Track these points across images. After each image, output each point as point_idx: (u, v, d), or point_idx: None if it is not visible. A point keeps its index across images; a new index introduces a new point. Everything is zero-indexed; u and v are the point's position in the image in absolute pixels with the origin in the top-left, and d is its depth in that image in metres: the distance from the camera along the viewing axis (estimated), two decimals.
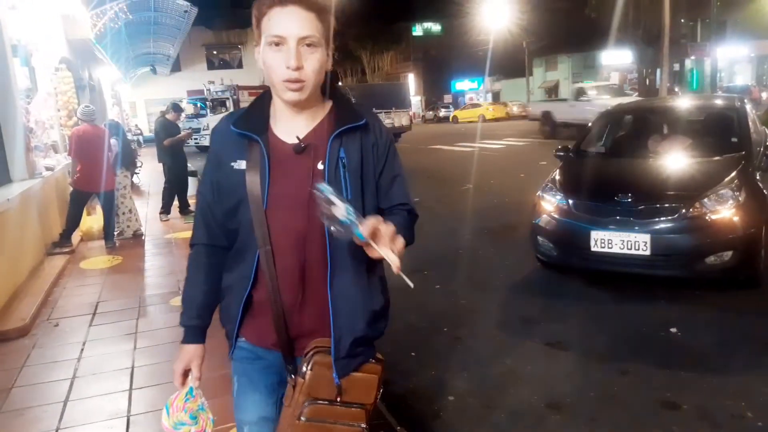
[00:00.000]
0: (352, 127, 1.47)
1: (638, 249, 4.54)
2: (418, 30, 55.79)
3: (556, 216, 5.08)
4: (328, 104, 1.53)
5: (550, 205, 5.16)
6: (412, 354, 3.92)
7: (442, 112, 47.64)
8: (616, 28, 25.92)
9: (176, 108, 8.92)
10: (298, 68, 1.35)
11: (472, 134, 25.57)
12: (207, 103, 24.63)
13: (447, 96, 54.05)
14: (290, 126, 1.47)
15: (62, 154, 8.11)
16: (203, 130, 22.17)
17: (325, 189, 1.28)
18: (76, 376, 3.68)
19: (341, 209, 1.26)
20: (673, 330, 4.04)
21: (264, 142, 1.44)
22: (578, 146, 6.12)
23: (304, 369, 1.46)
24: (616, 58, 38.10)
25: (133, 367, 3.77)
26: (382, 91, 18.86)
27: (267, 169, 1.43)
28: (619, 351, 3.80)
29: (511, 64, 46.20)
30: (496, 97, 51.69)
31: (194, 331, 1.58)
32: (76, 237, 7.26)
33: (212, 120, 23.41)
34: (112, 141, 7.25)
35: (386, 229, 1.29)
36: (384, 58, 53.53)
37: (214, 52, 38.18)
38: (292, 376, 1.50)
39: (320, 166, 1.44)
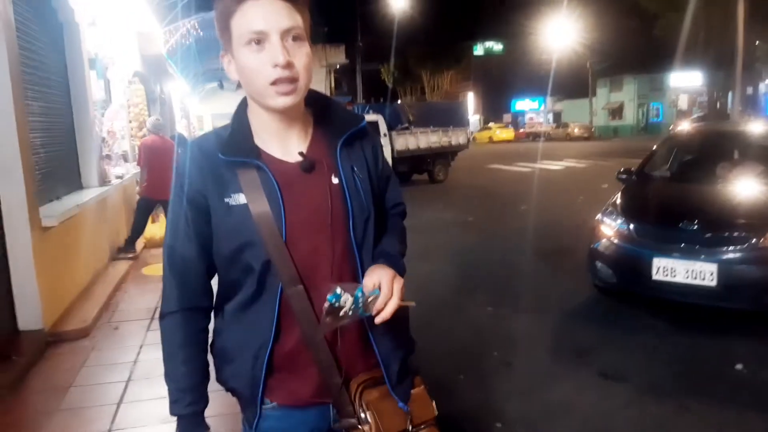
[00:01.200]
0: (355, 131, 1.31)
1: (704, 279, 4.31)
2: (479, 49, 55.71)
3: (616, 241, 4.89)
4: (309, 110, 1.32)
5: (610, 229, 4.98)
6: (461, 376, 3.83)
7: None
8: (685, 50, 25.06)
9: None
10: (289, 65, 1.14)
11: (533, 154, 25.17)
12: None
13: (506, 115, 53.56)
14: (284, 142, 1.26)
15: (132, 163, 8.46)
16: None
17: (336, 297, 1.13)
18: (131, 379, 3.78)
19: (347, 307, 1.14)
20: (739, 367, 3.80)
21: (266, 165, 1.21)
22: (642, 169, 5.90)
23: (363, 415, 1.25)
24: (685, 80, 36.85)
25: None
26: (441, 110, 18.85)
27: (278, 195, 1.20)
28: (678, 386, 3.59)
29: (574, 84, 45.39)
30: (557, 118, 50.83)
31: (190, 420, 1.28)
32: (139, 244, 7.53)
33: None
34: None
35: (387, 286, 1.17)
36: (444, 77, 53.65)
37: None
38: (344, 430, 1.28)
39: (335, 180, 1.25)
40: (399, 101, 43.99)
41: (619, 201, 5.27)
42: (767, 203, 4.75)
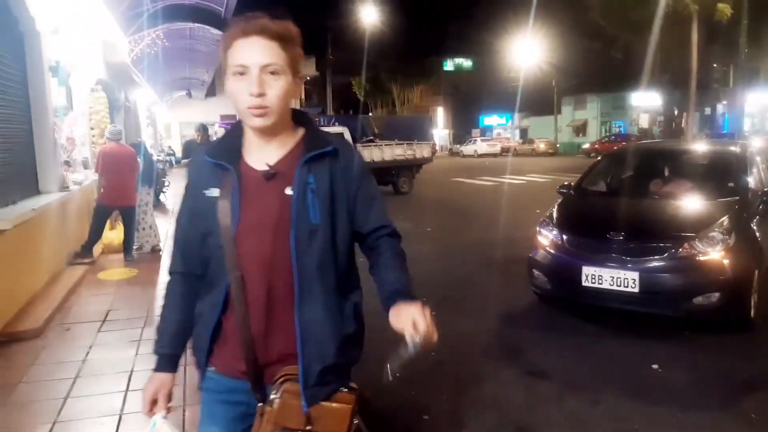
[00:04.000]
0: (321, 153, 1.49)
1: (627, 286, 4.64)
2: (449, 65, 56.67)
3: (550, 250, 5.20)
4: (300, 132, 1.55)
5: (546, 239, 5.29)
6: (396, 374, 4.05)
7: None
8: (643, 71, 26.00)
9: (203, 129, 9.31)
10: (261, 95, 1.39)
11: (499, 169, 25.74)
12: None
13: (475, 130, 54.43)
14: (261, 154, 1.49)
15: (91, 170, 8.53)
16: None
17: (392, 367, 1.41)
18: (79, 376, 3.91)
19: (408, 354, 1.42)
20: (655, 366, 4.12)
21: (236, 170, 1.47)
22: (579, 184, 6.26)
23: (272, 397, 1.44)
24: (645, 100, 38.08)
25: (132, 371, 3.99)
26: (406, 124, 19.22)
27: (237, 195, 1.45)
28: (596, 383, 3.89)
29: (540, 102, 46.50)
30: (524, 134, 51.87)
31: (165, 359, 1.57)
32: (97, 249, 7.60)
33: None
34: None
35: (421, 320, 1.42)
36: (414, 91, 54.36)
37: None
38: (260, 405, 1.47)
39: (288, 192, 1.45)
40: (370, 114, 44.42)
41: (555, 213, 5.59)
42: (687, 217, 5.13)
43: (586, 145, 39.43)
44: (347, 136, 15.38)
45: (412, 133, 17.42)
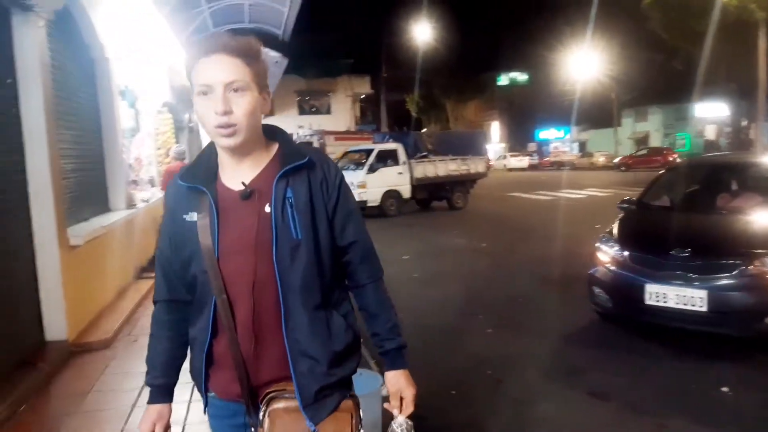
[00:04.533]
0: (296, 166, 1.45)
1: (694, 305, 4.45)
2: (503, 79, 56.18)
3: (611, 267, 5.06)
4: (274, 147, 1.51)
5: (607, 255, 5.15)
6: (452, 392, 4.03)
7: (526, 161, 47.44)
8: (707, 81, 25.06)
9: None
10: (226, 113, 1.35)
11: (555, 183, 25.27)
12: None
13: (531, 144, 53.66)
14: (236, 173, 1.46)
15: (158, 187, 8.91)
16: None
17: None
18: (145, 386, 4.05)
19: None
20: (725, 389, 3.92)
21: (211, 192, 1.44)
22: (641, 199, 6.07)
23: (261, 417, 1.44)
24: (711, 111, 36.63)
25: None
26: (460, 139, 19.10)
27: (216, 217, 1.43)
28: (661, 406, 3.73)
29: (598, 114, 45.39)
30: (582, 147, 50.76)
31: (159, 390, 1.56)
32: None
33: None
34: None
35: (409, 402, 1.56)
36: (468, 107, 54.18)
37: (306, 98, 40.16)
38: (252, 429, 1.48)
39: (267, 209, 1.43)
40: (424, 130, 44.52)
41: (616, 229, 5.44)
42: (758, 233, 4.88)
43: (617, 159, 38.51)
44: (401, 152, 15.52)
45: (466, 148, 17.33)
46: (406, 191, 15.56)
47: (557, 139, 53.93)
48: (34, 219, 4.48)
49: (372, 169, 14.98)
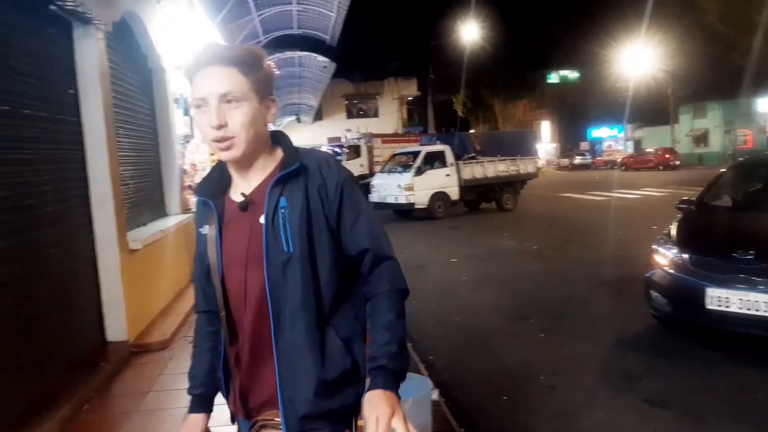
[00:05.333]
0: (289, 172, 1.37)
1: (758, 310, 4.25)
2: (553, 77, 55.12)
3: (670, 270, 4.89)
4: (279, 154, 1.44)
5: (665, 258, 4.98)
6: (504, 398, 3.97)
7: (578, 160, 46.35)
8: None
9: None
10: (221, 126, 1.30)
11: (608, 183, 24.61)
12: (344, 149, 26.08)
13: (583, 143, 52.42)
14: (243, 184, 1.43)
15: None
16: None
17: None
18: None
19: None
20: None
21: (216, 205, 1.43)
22: (701, 199, 5.84)
23: None
24: None
25: None
26: (509, 139, 18.88)
27: (218, 231, 1.41)
28: (722, 415, 3.58)
29: (654, 111, 43.90)
30: (637, 145, 49.26)
31: (197, 400, 1.55)
32: None
33: (347, 166, 24.74)
34: None
35: (383, 420, 1.25)
36: (516, 106, 53.40)
37: (354, 102, 40.50)
38: None
39: (261, 220, 1.36)
40: (472, 130, 44.18)
41: (674, 230, 5.25)
42: None
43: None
44: (448, 154, 15.44)
45: (516, 148, 17.11)
46: (454, 193, 15.47)
47: (610, 138, 52.53)
48: (96, 224, 4.68)
49: (419, 171, 14.97)
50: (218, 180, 1.47)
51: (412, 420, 1.38)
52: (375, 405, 1.27)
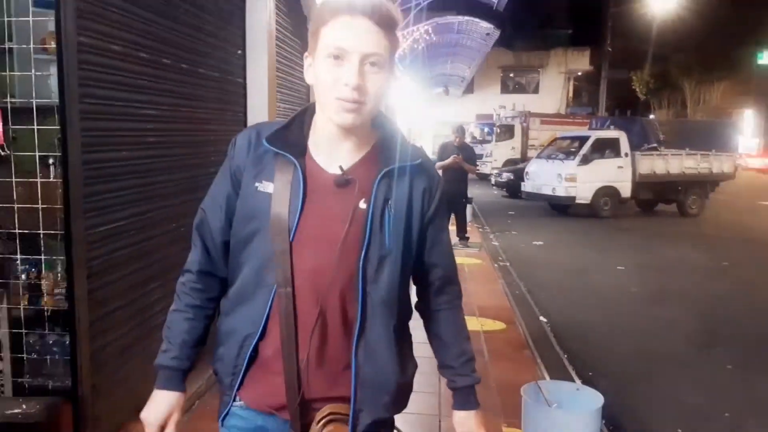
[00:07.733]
0: (405, 167, 1.41)
1: None
2: (764, 57, 50.34)
3: None
4: (375, 135, 1.45)
5: None
6: (679, 430, 3.89)
7: None
8: None
9: (461, 131, 9.79)
10: (358, 87, 1.29)
11: None
12: (494, 128, 25.82)
13: None
14: (332, 153, 1.40)
15: None
16: (486, 157, 23.37)
17: None
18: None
19: None
20: None
21: (302, 166, 1.37)
22: None
23: None
24: None
25: None
26: (702, 129, 17.73)
27: (302, 198, 1.36)
28: None
29: None
30: None
31: (176, 374, 1.44)
32: None
33: (496, 148, 24.58)
34: None
35: None
36: (713, 90, 49.50)
37: (511, 75, 39.88)
38: None
39: (362, 205, 1.36)
40: (652, 116, 41.80)
41: None
42: None
43: None
44: (623, 142, 14.78)
45: (710, 141, 15.99)
46: (625, 189, 14.80)
47: None
48: None
49: (585, 160, 14.50)
50: (297, 136, 1.43)
51: None
52: (469, 426, 1.50)
